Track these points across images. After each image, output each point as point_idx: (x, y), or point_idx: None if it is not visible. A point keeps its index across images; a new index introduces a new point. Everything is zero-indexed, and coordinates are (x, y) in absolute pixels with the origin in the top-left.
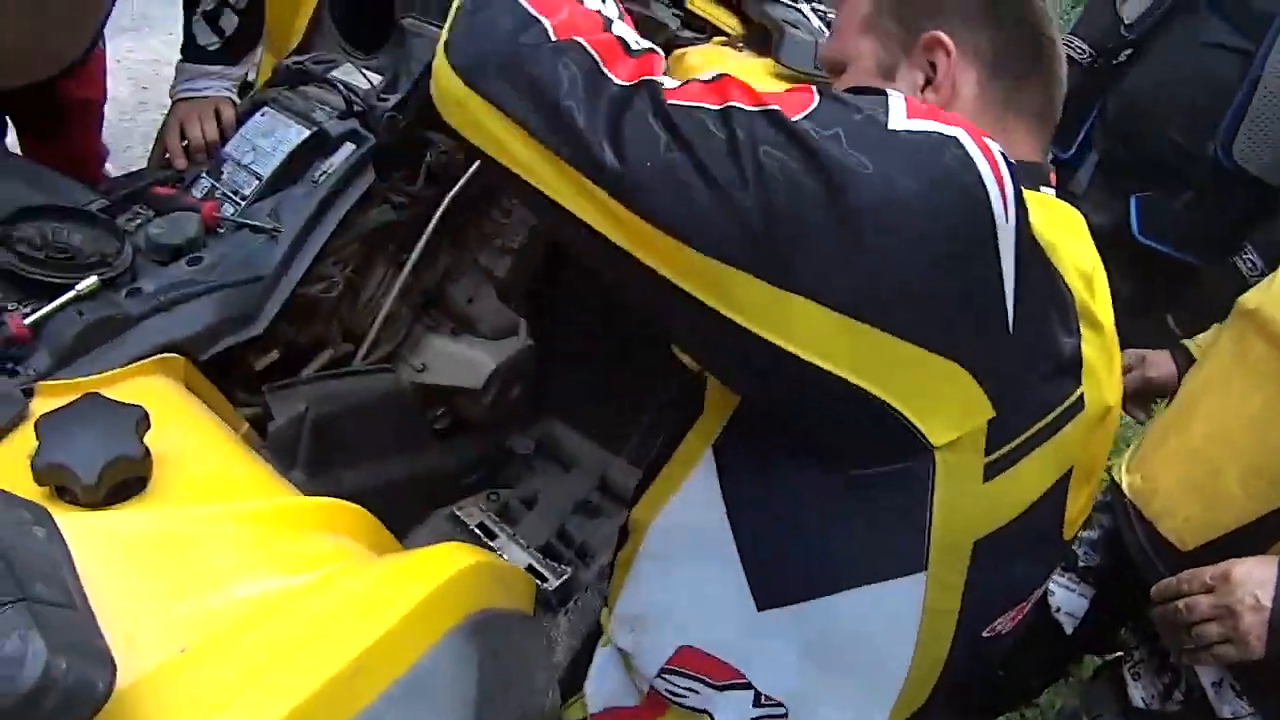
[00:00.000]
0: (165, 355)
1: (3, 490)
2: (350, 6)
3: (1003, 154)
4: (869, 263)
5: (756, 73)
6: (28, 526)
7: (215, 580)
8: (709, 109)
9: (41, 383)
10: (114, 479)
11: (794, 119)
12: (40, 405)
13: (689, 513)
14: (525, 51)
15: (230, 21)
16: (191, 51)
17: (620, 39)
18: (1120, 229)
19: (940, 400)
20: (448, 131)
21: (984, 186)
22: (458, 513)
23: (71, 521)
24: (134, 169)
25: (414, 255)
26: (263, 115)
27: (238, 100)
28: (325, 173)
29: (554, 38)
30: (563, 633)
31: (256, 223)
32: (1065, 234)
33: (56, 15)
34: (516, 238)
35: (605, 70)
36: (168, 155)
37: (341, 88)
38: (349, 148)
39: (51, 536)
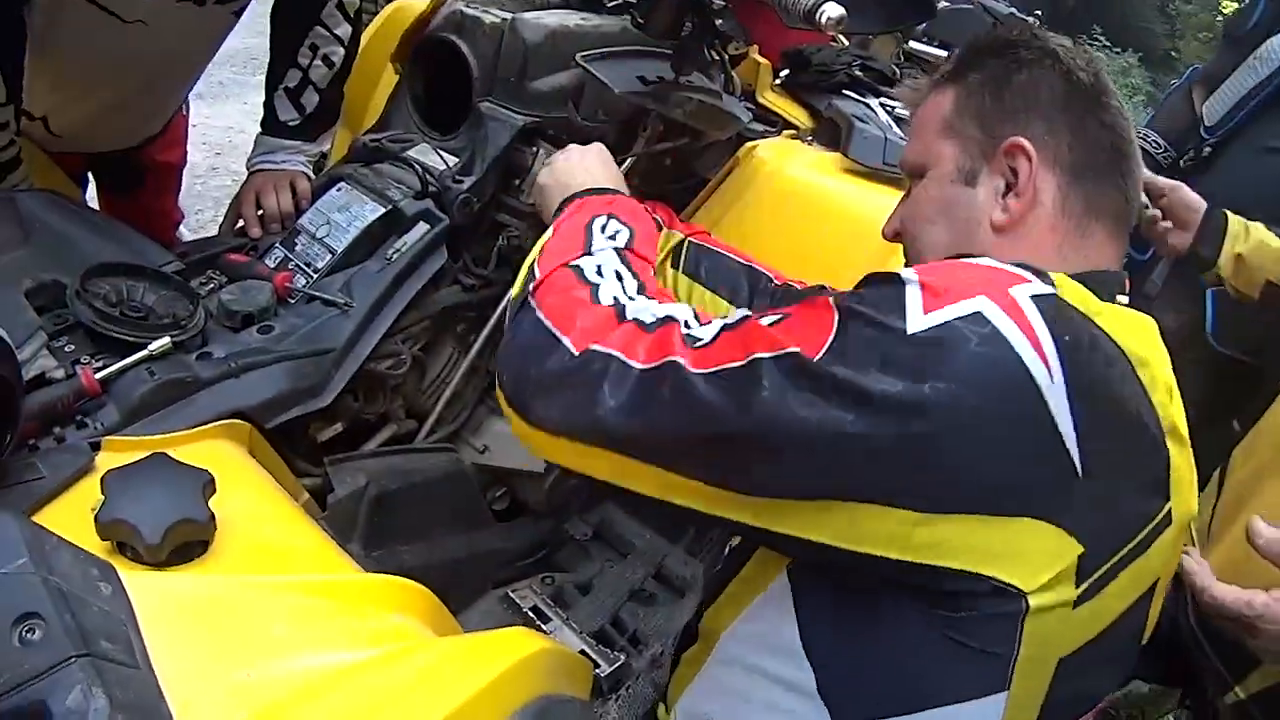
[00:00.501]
0: (232, 421)
1: (73, 544)
2: (428, 88)
3: (1040, 301)
4: (931, 465)
5: (826, 167)
6: (94, 582)
7: (276, 650)
8: (734, 368)
9: (108, 438)
10: (177, 540)
11: (816, 358)
12: (106, 460)
13: (762, 626)
14: (554, 378)
15: (311, 99)
16: (271, 126)
17: (636, 321)
18: (1194, 332)
19: (1026, 554)
20: (519, 215)
21: (1020, 360)
22: (512, 594)
23: (134, 579)
24: (206, 233)
25: (482, 336)
26: (338, 190)
27: (312, 175)
28: (398, 250)
29: (575, 353)
30: (612, 719)
31: (328, 296)
32: (1148, 346)
33: (146, 100)
34: None
35: (628, 362)
36: (241, 223)
37: (417, 167)
38: (423, 227)
39: (117, 594)
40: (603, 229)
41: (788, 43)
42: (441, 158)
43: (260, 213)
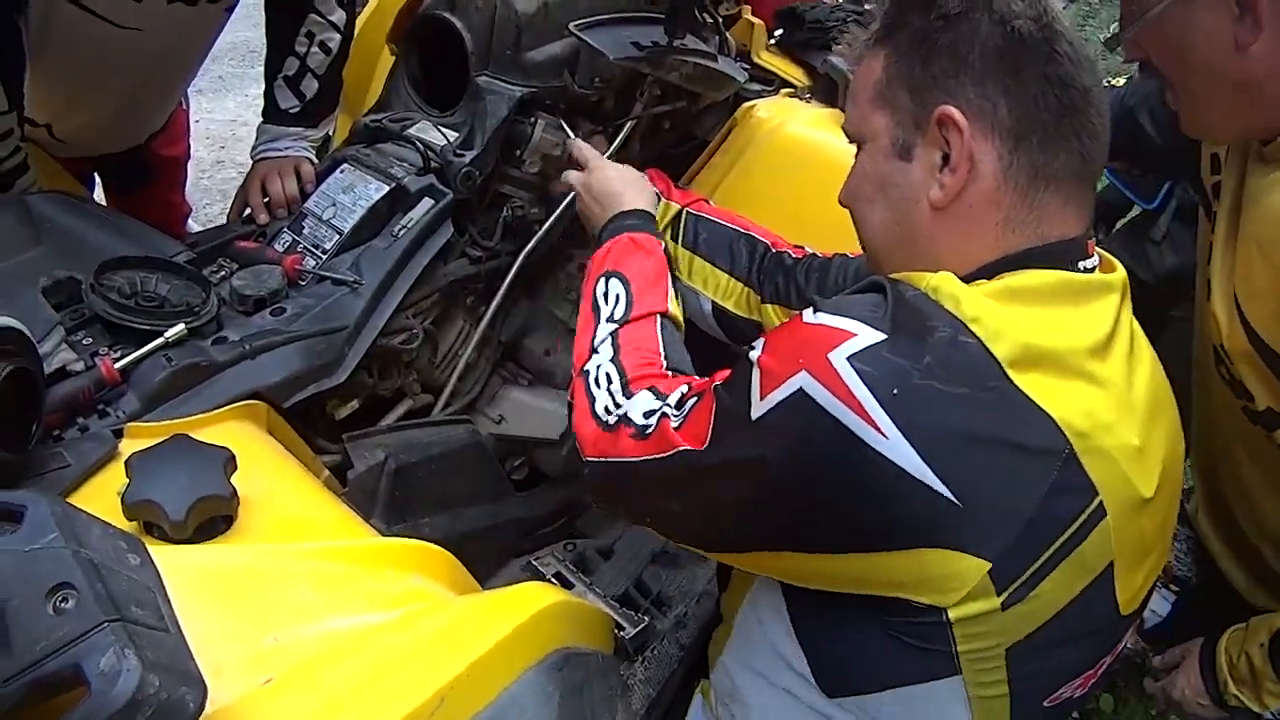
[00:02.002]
0: (250, 401)
1: (100, 519)
2: (425, 65)
3: (858, 360)
4: (809, 521)
5: (824, 123)
6: (123, 553)
7: (300, 615)
8: (662, 459)
9: (130, 424)
10: (201, 517)
11: (702, 449)
12: (129, 446)
13: (761, 613)
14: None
15: (311, 86)
16: (272, 114)
17: (610, 429)
18: (1193, 270)
19: (932, 578)
20: (522, 186)
21: (846, 428)
22: (534, 562)
23: (161, 553)
24: (215, 225)
25: (491, 308)
26: (342, 172)
27: (316, 160)
28: (404, 227)
29: (587, 455)
30: (639, 681)
31: (338, 275)
32: (1068, 326)
33: (146, 101)
34: None
35: (617, 460)
36: (248, 211)
37: (419, 144)
38: (427, 202)
39: (145, 564)
40: (605, 297)
41: (780, 2)
42: (442, 133)
43: (266, 199)
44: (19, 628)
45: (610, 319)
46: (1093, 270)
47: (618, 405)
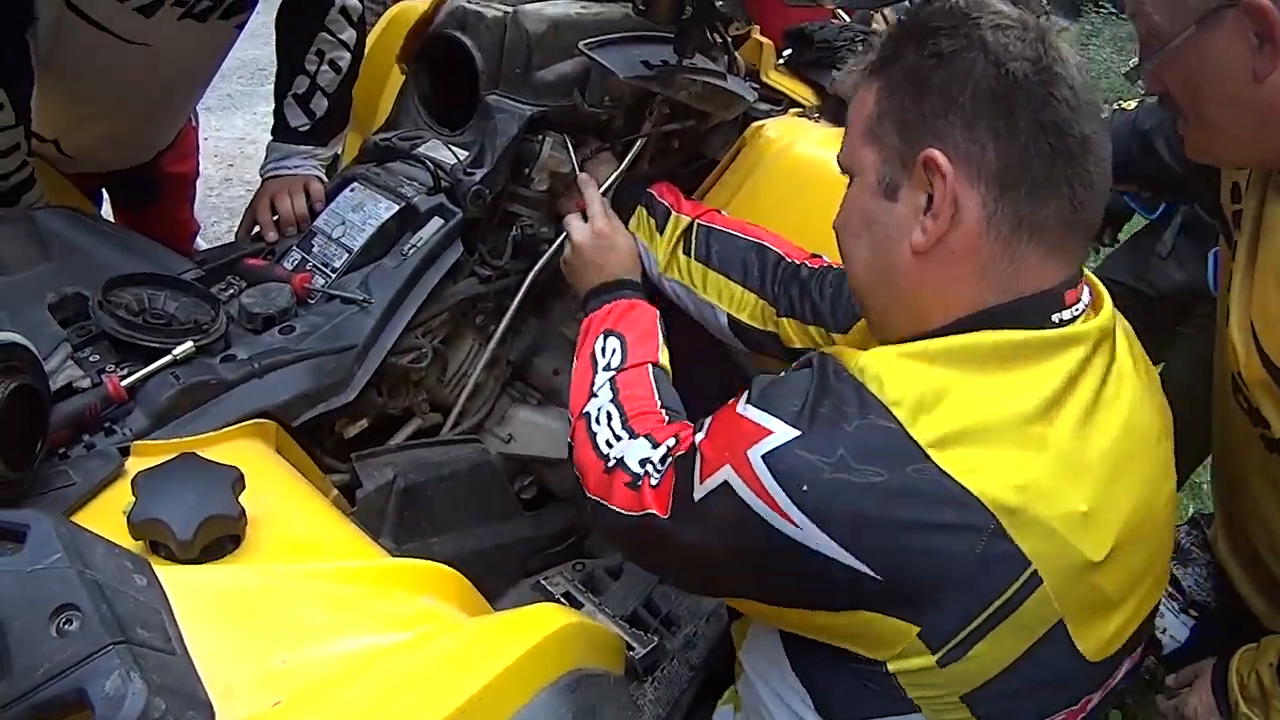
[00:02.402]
0: (258, 420)
1: (106, 539)
2: (435, 85)
3: (771, 459)
4: (749, 585)
5: (833, 143)
6: (129, 574)
7: (309, 636)
8: (640, 518)
9: (137, 442)
10: (209, 536)
11: (665, 518)
12: (136, 464)
13: (765, 639)
14: (592, 509)
15: (320, 104)
16: (282, 132)
17: (610, 471)
18: (1201, 287)
19: (867, 636)
20: (531, 204)
21: (762, 520)
22: (543, 582)
23: (168, 574)
24: (223, 243)
25: (501, 327)
26: (352, 190)
27: (325, 178)
28: (414, 246)
29: (589, 493)
30: (649, 701)
31: (347, 294)
32: (1011, 391)
33: (155, 118)
34: None
35: (619, 511)
36: (257, 228)
37: (428, 163)
38: (437, 222)
39: (151, 585)
40: (602, 353)
41: (789, 22)
42: (452, 152)
43: (275, 217)
44: (21, 650)
45: (607, 368)
46: (1070, 321)
47: (618, 438)
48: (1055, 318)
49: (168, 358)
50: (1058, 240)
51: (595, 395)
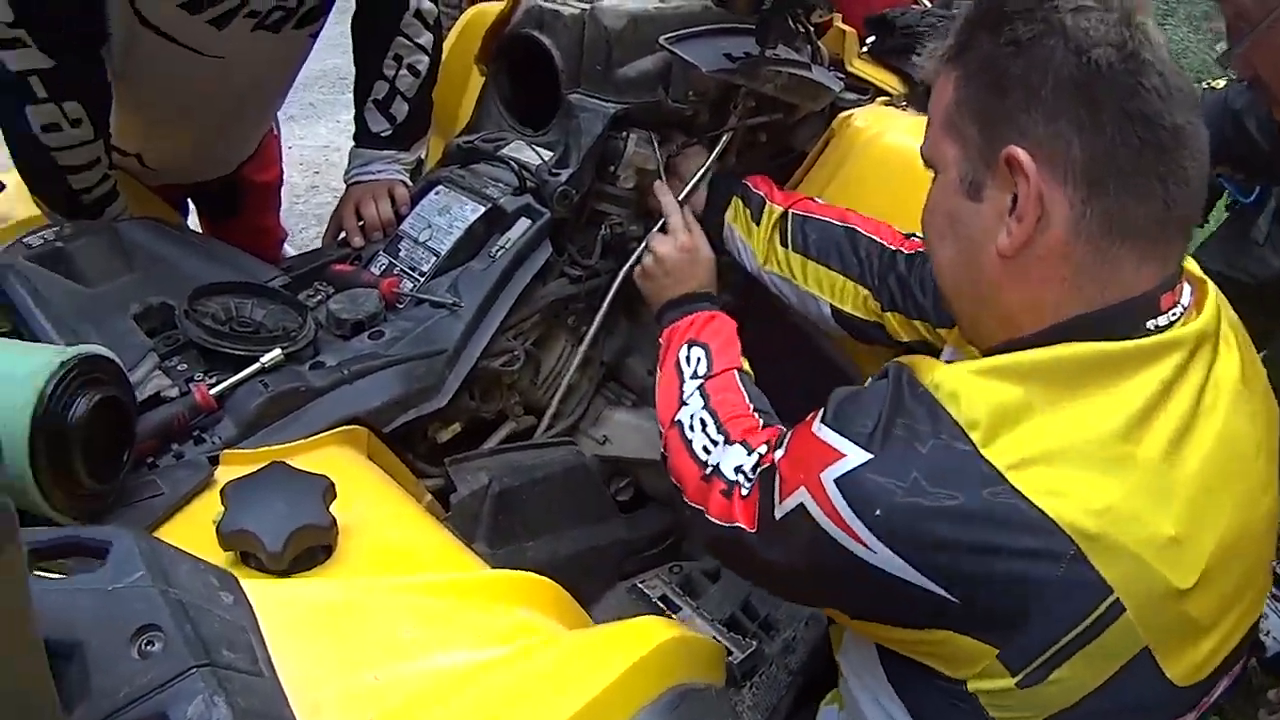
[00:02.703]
0: (349, 427)
1: (191, 555)
2: (516, 86)
3: (844, 483)
4: (828, 599)
5: (919, 130)
6: (214, 592)
7: (403, 652)
8: (729, 530)
9: (226, 451)
10: (300, 547)
11: (752, 531)
12: (225, 473)
13: (859, 649)
14: (689, 515)
15: (401, 108)
16: (364, 138)
17: (707, 479)
18: None
19: (947, 655)
20: (618, 202)
21: (837, 543)
22: (640, 585)
23: (257, 588)
24: (310, 249)
25: (593, 328)
26: (437, 194)
27: (410, 182)
28: (502, 248)
29: (687, 499)
30: (747, 707)
31: (436, 298)
32: (1095, 410)
33: (234, 129)
34: None
35: (714, 520)
36: (343, 234)
37: (513, 164)
38: (524, 223)
39: (239, 603)
40: (688, 362)
41: (870, 9)
42: (536, 153)
43: (361, 222)
44: (100, 672)
45: (695, 376)
46: (1166, 327)
47: (714, 443)
48: (1150, 324)
49: (256, 365)
50: (1153, 241)
51: (686, 403)
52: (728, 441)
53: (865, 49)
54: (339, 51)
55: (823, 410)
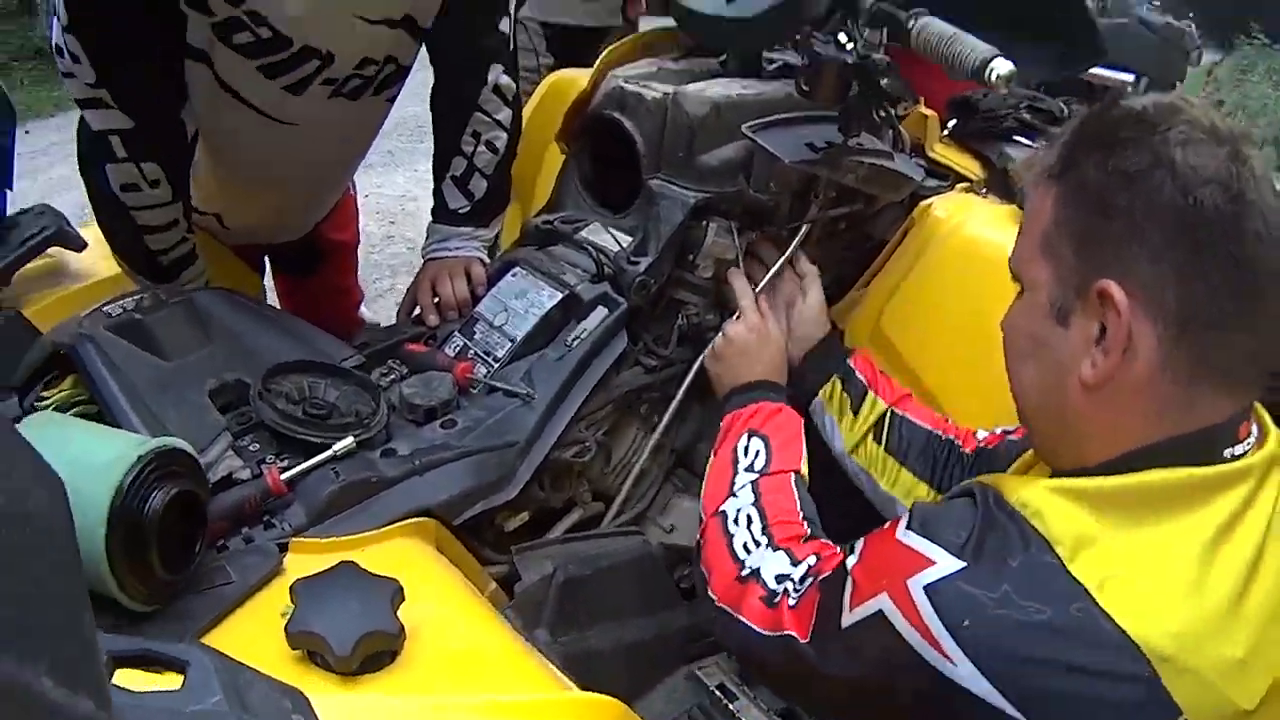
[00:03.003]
0: (419, 520)
1: (265, 676)
2: (596, 165)
3: (933, 591)
4: (887, 717)
5: (1003, 222)
6: (288, 715)
7: None
8: (776, 639)
9: (296, 539)
10: (367, 651)
11: (805, 642)
12: (294, 561)
13: None
14: (708, 598)
15: (479, 185)
16: (441, 214)
17: (743, 580)
18: None
19: None
20: (695, 291)
21: (917, 654)
22: (698, 672)
23: (325, 702)
24: (384, 301)
25: (667, 416)
26: (514, 275)
27: (487, 259)
28: (578, 337)
29: (714, 596)
30: None
31: (510, 386)
32: (1175, 534)
33: (311, 195)
34: None
35: (748, 624)
36: (418, 310)
37: (591, 250)
38: (601, 311)
39: None
40: (745, 453)
41: (952, 90)
42: (614, 237)
43: (437, 299)
44: None
45: (749, 469)
46: (1239, 456)
47: (757, 544)
48: (1227, 453)
49: (328, 453)
50: (1238, 378)
51: (735, 495)
52: (771, 546)
53: (946, 132)
54: (418, 100)
55: (905, 519)
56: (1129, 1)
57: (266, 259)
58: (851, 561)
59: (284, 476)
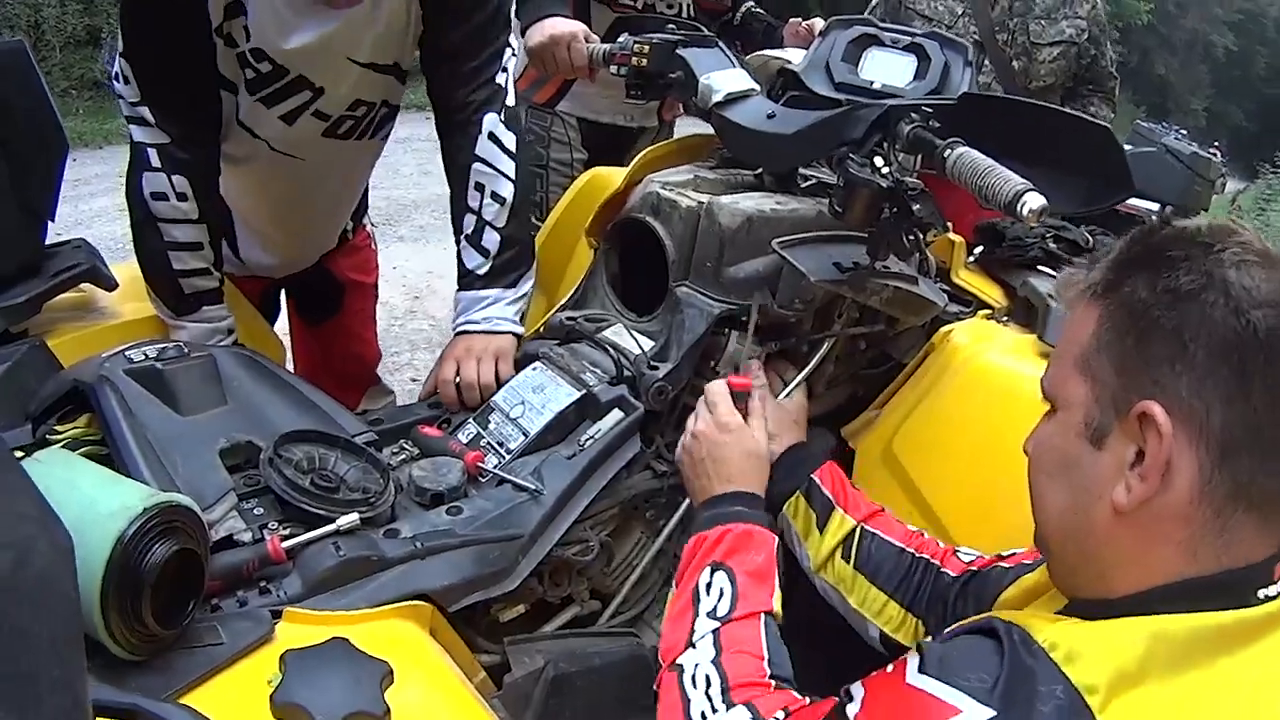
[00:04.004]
0: (415, 603)
1: None
2: (625, 264)
3: None
4: None
5: (1023, 351)
6: None
7: None
8: None
9: (290, 609)
10: None
11: None
12: (285, 630)
13: None
14: None
15: (492, 239)
16: (463, 278)
17: None
18: None
19: None
20: None
21: None
22: None
23: None
24: (402, 375)
25: (672, 522)
26: (534, 369)
27: (522, 332)
28: (591, 437)
29: None
30: None
31: (519, 480)
32: (1205, 683)
33: (313, 220)
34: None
35: None
36: (437, 392)
37: (612, 351)
38: (617, 414)
39: None
40: (707, 591)
41: (979, 215)
42: (636, 340)
43: (458, 379)
44: None
45: (712, 614)
46: (1272, 597)
47: (714, 710)
48: (1261, 594)
49: (331, 526)
50: (1276, 510)
51: (694, 646)
52: (729, 706)
53: (972, 257)
54: None
55: (916, 661)
56: (1157, 131)
57: (283, 300)
58: (854, 710)
59: (285, 545)
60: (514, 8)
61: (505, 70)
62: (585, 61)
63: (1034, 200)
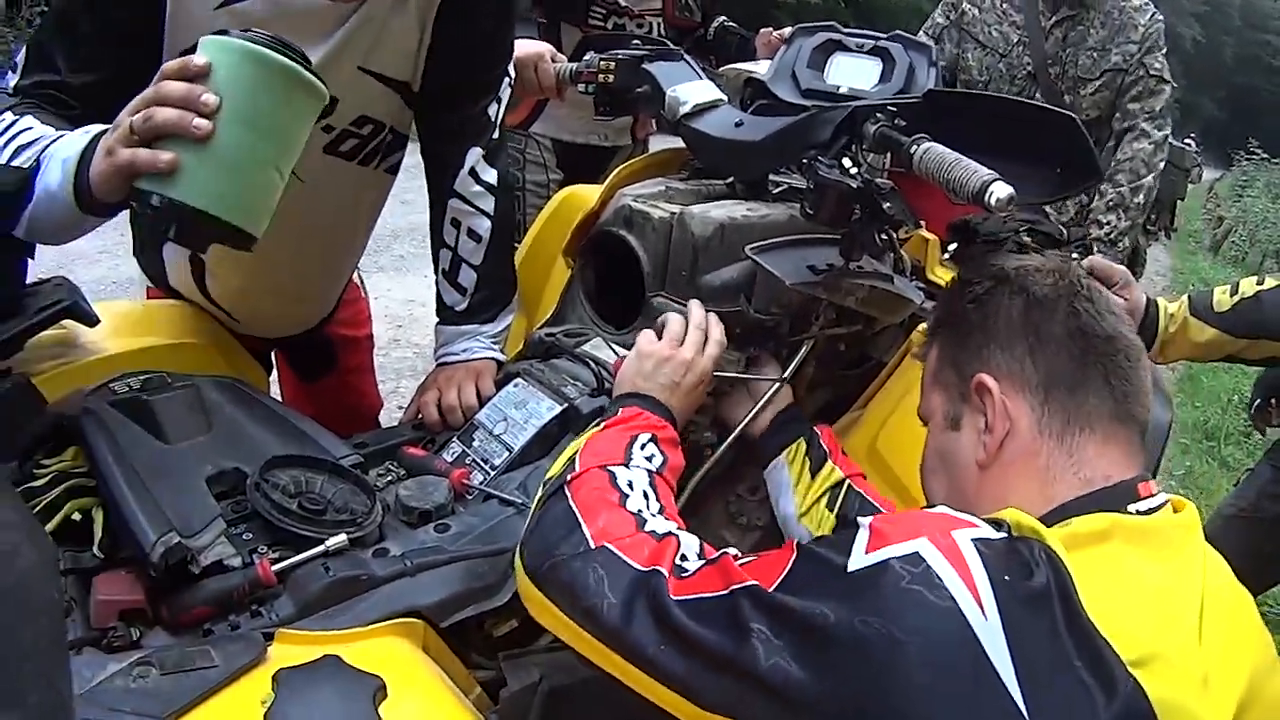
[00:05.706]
0: (407, 620)
1: None
2: (601, 281)
3: (982, 543)
4: (872, 713)
5: None
6: None
7: None
8: (711, 598)
9: (282, 630)
10: None
11: (770, 590)
12: (278, 651)
13: None
14: (563, 559)
15: (468, 277)
16: (442, 313)
17: (650, 533)
18: None
19: None
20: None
21: (950, 596)
22: None
23: None
24: (387, 405)
25: None
26: (515, 386)
27: (503, 357)
28: None
29: (592, 545)
30: None
31: (505, 495)
32: (1132, 588)
33: (314, 269)
34: (761, 516)
35: (629, 562)
36: (420, 415)
37: (592, 364)
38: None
39: None
40: (642, 448)
41: (953, 214)
42: (615, 352)
43: (440, 402)
44: None
45: (647, 461)
46: (1144, 512)
47: (654, 516)
48: (1132, 508)
49: (320, 548)
50: (1110, 431)
51: (627, 466)
52: (666, 519)
53: (947, 255)
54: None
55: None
56: None
57: (274, 359)
58: (868, 519)
59: (275, 568)
60: None
61: (499, 101)
62: (553, 81)
63: (1001, 190)
